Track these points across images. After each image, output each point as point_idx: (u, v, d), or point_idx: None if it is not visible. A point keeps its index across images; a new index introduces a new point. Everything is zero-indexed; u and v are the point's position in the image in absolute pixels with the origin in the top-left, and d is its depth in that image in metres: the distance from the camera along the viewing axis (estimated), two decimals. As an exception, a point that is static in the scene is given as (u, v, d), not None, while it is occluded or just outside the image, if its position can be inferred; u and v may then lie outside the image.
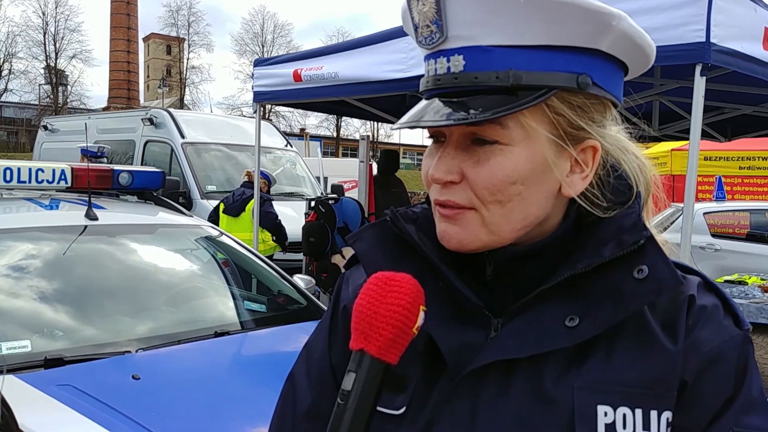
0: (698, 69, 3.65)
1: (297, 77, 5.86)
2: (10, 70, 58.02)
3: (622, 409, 0.82)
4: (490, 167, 0.83)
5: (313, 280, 4.25)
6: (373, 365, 0.80)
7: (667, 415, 0.82)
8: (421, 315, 0.81)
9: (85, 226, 3.34)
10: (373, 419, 0.80)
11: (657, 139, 8.01)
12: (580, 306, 0.85)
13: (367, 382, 0.80)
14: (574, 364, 0.85)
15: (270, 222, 7.55)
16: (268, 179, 7.90)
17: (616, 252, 0.85)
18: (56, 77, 60.15)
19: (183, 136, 10.48)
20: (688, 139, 3.96)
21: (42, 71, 60.51)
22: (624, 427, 0.82)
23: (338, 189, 9.97)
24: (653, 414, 0.82)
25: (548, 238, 0.90)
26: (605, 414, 0.82)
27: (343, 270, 1.11)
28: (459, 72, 0.83)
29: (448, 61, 0.84)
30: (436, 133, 0.89)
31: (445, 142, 0.87)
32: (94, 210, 3.40)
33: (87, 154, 7.84)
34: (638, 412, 0.82)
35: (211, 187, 10.05)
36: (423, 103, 0.88)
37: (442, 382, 0.89)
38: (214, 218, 7.65)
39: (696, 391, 0.83)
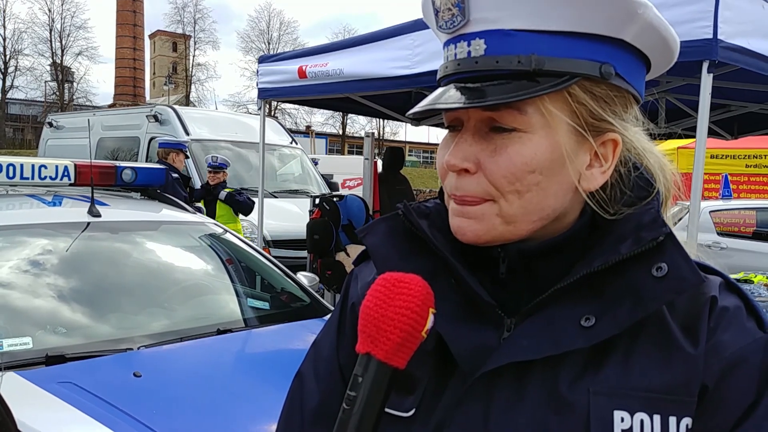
0: (705, 66, 3.62)
1: (302, 74, 5.85)
2: (16, 66, 58.35)
3: (640, 415, 0.79)
4: (508, 155, 0.81)
5: (317, 278, 4.24)
6: (379, 369, 0.77)
7: (686, 421, 0.79)
8: (431, 318, 0.78)
9: (88, 223, 3.33)
10: (380, 424, 0.78)
11: (663, 137, 7.97)
12: (596, 305, 0.82)
13: (373, 387, 0.77)
14: (590, 367, 0.82)
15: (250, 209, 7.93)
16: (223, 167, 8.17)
17: (634, 249, 0.82)
18: (62, 74, 60.31)
19: (188, 133, 10.46)
20: (694, 136, 3.94)
21: (48, 68, 60.80)
22: None
23: (333, 186, 10.06)
24: (672, 420, 0.79)
25: (564, 235, 0.87)
26: (622, 420, 0.79)
27: (352, 266, 1.08)
28: (480, 55, 0.81)
29: (469, 45, 0.82)
30: (453, 122, 0.86)
31: (462, 129, 0.85)
32: (97, 207, 3.38)
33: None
34: (656, 418, 0.79)
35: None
36: (440, 89, 0.86)
37: (453, 384, 0.86)
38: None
39: (717, 397, 0.80)
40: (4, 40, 57.18)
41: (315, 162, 13.43)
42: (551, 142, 0.81)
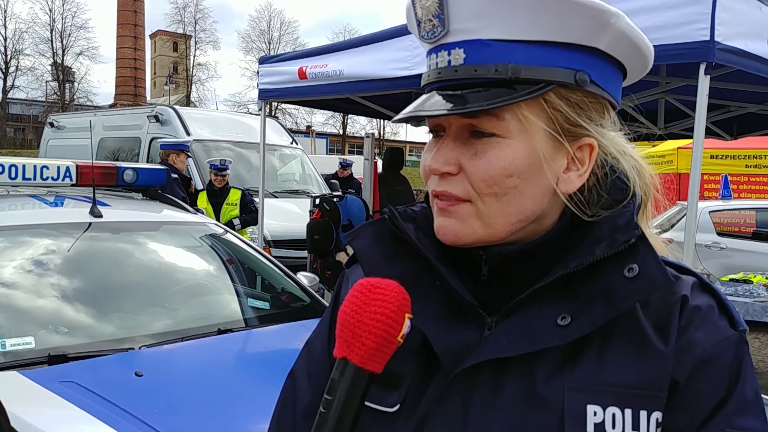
0: (702, 67, 3.64)
1: (302, 75, 5.87)
2: (17, 66, 58.35)
3: (612, 409, 0.82)
4: (487, 159, 0.84)
5: (317, 278, 4.26)
6: (356, 374, 0.79)
7: (656, 415, 0.82)
8: (407, 323, 0.80)
9: (90, 223, 3.35)
10: (356, 428, 0.80)
11: (663, 138, 7.98)
12: (572, 305, 0.85)
13: (349, 391, 0.79)
14: (566, 364, 0.85)
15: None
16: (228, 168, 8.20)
17: (608, 251, 0.85)
18: (63, 74, 60.32)
19: (189, 134, 10.47)
20: (693, 137, 3.95)
21: (49, 68, 60.78)
22: (613, 426, 0.82)
23: (333, 186, 10.06)
24: (643, 414, 0.82)
25: (543, 237, 0.90)
26: (594, 413, 0.82)
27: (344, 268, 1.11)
28: (459, 65, 0.85)
29: (449, 54, 0.85)
30: (436, 127, 0.90)
31: (444, 135, 0.88)
32: (99, 207, 3.41)
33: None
34: (628, 412, 0.82)
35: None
36: (423, 96, 0.90)
37: (436, 381, 0.89)
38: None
39: (688, 392, 0.83)
40: (5, 39, 57.33)
41: (349, 164, 13.22)
42: (528, 147, 0.85)
